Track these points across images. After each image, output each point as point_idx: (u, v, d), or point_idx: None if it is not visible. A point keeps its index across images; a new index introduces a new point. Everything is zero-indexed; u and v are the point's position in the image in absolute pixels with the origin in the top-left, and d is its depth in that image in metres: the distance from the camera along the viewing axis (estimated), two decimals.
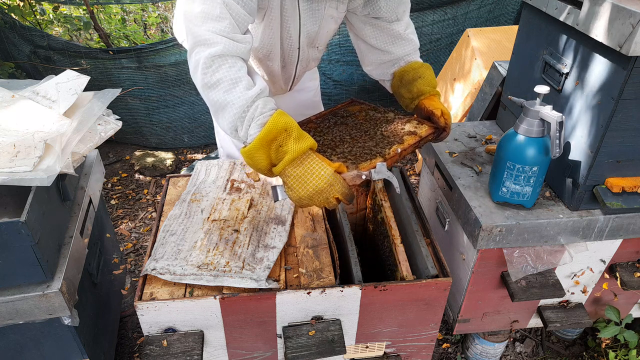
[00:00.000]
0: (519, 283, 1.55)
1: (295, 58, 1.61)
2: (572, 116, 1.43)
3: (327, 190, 1.16)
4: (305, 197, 1.17)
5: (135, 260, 2.59)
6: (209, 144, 3.66)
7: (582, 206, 1.46)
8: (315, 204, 1.19)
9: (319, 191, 1.16)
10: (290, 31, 1.49)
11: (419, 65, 1.57)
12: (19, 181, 1.25)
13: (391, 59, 1.59)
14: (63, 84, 1.56)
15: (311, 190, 1.16)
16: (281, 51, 1.57)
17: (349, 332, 1.37)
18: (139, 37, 4.44)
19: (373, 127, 1.49)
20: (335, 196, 1.18)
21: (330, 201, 1.18)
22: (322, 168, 1.16)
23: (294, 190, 1.17)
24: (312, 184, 1.15)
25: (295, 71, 1.70)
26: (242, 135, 1.18)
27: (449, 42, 3.63)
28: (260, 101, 1.16)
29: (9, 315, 1.33)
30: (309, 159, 1.16)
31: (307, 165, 1.16)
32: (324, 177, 1.15)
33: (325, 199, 1.18)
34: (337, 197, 1.18)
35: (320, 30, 1.56)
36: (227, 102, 1.16)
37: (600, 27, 1.23)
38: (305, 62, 1.69)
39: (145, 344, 1.24)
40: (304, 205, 1.21)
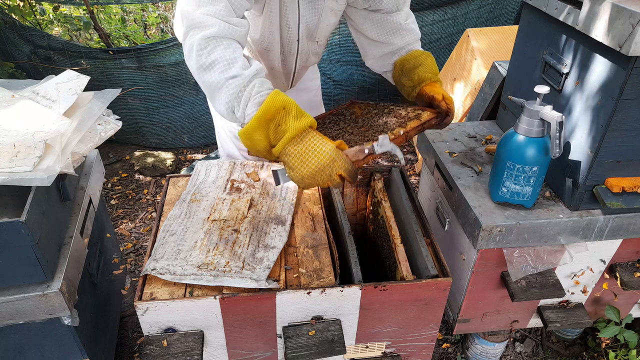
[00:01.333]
0: (519, 283, 1.55)
1: (294, 51, 1.60)
2: (572, 116, 1.43)
3: (330, 167, 1.12)
4: (308, 175, 1.13)
5: (135, 260, 2.59)
6: (209, 144, 3.67)
7: (582, 206, 1.46)
8: (318, 182, 1.15)
9: (321, 168, 1.12)
10: (289, 23, 1.48)
11: (419, 54, 1.55)
12: (19, 181, 1.25)
13: (392, 49, 1.58)
14: (63, 84, 1.56)
15: (313, 168, 1.12)
16: (280, 44, 1.56)
17: (349, 332, 1.37)
18: (139, 37, 4.44)
19: (373, 118, 1.47)
20: (338, 173, 1.14)
21: (334, 179, 1.14)
22: (324, 144, 1.12)
23: (296, 169, 1.13)
24: (314, 161, 1.12)
25: (295, 65, 1.68)
26: (240, 116, 1.15)
27: (449, 42, 3.63)
28: (257, 80, 1.14)
29: (9, 315, 1.34)
30: (309, 136, 1.13)
31: (307, 142, 1.12)
32: (326, 153, 1.11)
33: (328, 177, 1.14)
34: (340, 174, 1.14)
35: (319, 23, 1.55)
36: (223, 83, 1.13)
37: (600, 27, 1.23)
38: (305, 56, 1.67)
39: (145, 344, 1.24)
40: (307, 186, 1.17)
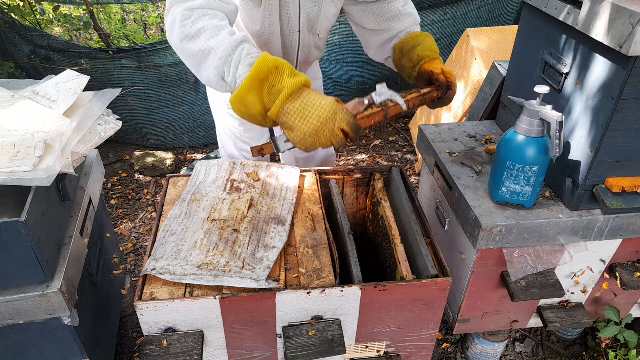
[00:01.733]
0: (519, 283, 1.55)
1: (296, 43, 1.58)
2: (572, 116, 1.43)
3: (332, 120, 1.09)
4: (310, 132, 1.09)
5: (135, 260, 2.59)
6: (209, 144, 3.67)
7: (582, 206, 1.46)
8: (321, 140, 1.11)
9: (323, 122, 1.08)
10: (290, 13, 1.47)
11: (418, 34, 1.54)
12: (19, 181, 1.25)
13: (392, 34, 1.58)
14: (63, 84, 1.56)
15: (315, 123, 1.08)
16: (281, 35, 1.54)
17: (349, 332, 1.37)
18: (139, 37, 4.44)
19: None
20: (340, 127, 1.10)
21: (337, 134, 1.10)
22: (322, 98, 1.09)
23: (297, 128, 1.09)
24: (315, 116, 1.08)
25: (297, 59, 1.67)
26: (231, 80, 1.11)
27: (449, 42, 3.63)
28: (246, 45, 1.10)
29: (9, 315, 1.34)
30: (306, 93, 1.10)
31: (305, 98, 1.09)
32: (326, 106, 1.08)
33: (331, 132, 1.10)
34: (343, 128, 1.10)
35: (320, 14, 1.54)
36: (210, 48, 1.09)
37: (601, 27, 1.23)
38: (307, 49, 1.66)
39: (145, 344, 1.24)
40: (309, 146, 1.12)
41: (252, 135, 1.93)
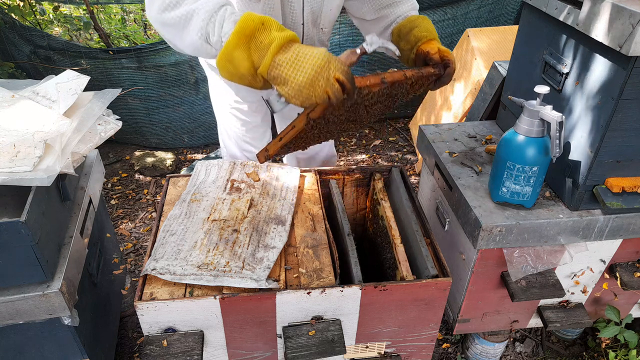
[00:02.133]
0: (519, 283, 1.55)
1: (299, 36, 1.56)
2: (572, 116, 1.43)
3: (327, 68, 1.04)
4: (305, 82, 1.03)
5: (135, 260, 2.59)
6: (209, 144, 3.67)
7: (582, 206, 1.46)
8: (317, 92, 1.05)
9: (318, 71, 1.03)
10: (293, 6, 1.45)
11: (415, 17, 1.52)
12: (19, 181, 1.25)
13: (389, 20, 1.57)
14: (63, 84, 1.56)
15: (309, 71, 1.02)
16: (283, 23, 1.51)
17: (349, 332, 1.37)
18: (139, 37, 4.44)
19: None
20: (336, 76, 1.05)
21: (333, 84, 1.05)
22: (314, 48, 1.05)
23: (290, 79, 1.04)
24: (308, 64, 1.03)
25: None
26: (216, 40, 1.07)
27: (449, 42, 3.63)
28: (229, 6, 1.08)
29: (9, 315, 1.34)
30: (296, 45, 1.05)
31: (296, 49, 1.05)
32: (319, 54, 1.04)
33: (326, 81, 1.04)
34: (338, 77, 1.05)
35: (323, 7, 1.53)
36: (193, 10, 1.05)
37: (601, 27, 1.23)
38: (310, 43, 1.63)
39: (145, 344, 1.24)
40: (306, 99, 1.06)
41: (253, 135, 1.93)
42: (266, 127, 1.99)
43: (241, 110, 1.84)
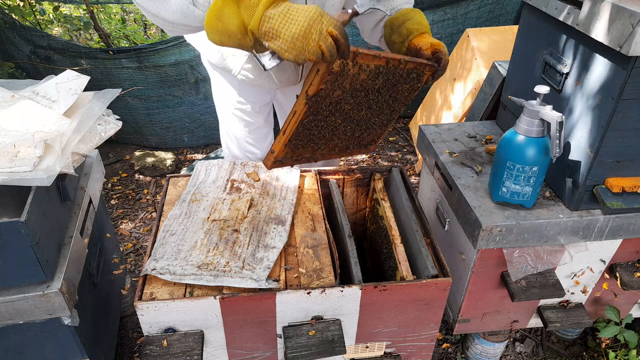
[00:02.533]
0: (519, 283, 1.55)
1: None
2: (572, 116, 1.43)
3: (320, 21, 1.01)
4: (298, 34, 1.00)
5: (135, 260, 2.59)
6: (209, 144, 3.67)
7: (582, 206, 1.46)
8: (310, 45, 1.02)
9: (311, 23, 1.00)
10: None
11: (408, 10, 1.51)
12: (19, 181, 1.25)
13: (382, 14, 1.56)
14: (63, 84, 1.55)
15: (303, 23, 1.00)
16: None
17: (349, 332, 1.37)
18: (139, 37, 4.44)
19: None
20: (329, 30, 1.02)
21: (326, 37, 1.02)
22: (305, 5, 1.03)
23: (283, 32, 1.00)
24: (301, 16, 1.00)
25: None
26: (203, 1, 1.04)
27: (449, 42, 3.63)
28: None
29: (9, 315, 1.33)
30: (286, 2, 1.03)
31: (287, 4, 1.03)
32: (311, 8, 1.02)
33: (319, 34, 1.01)
34: (331, 32, 1.03)
35: (326, 2, 1.50)
36: None
37: (600, 27, 1.23)
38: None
39: (145, 344, 1.24)
40: (299, 52, 1.02)
41: (256, 137, 1.92)
42: (269, 129, 1.98)
43: (244, 111, 1.83)
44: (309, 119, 1.21)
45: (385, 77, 1.29)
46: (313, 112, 1.20)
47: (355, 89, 1.25)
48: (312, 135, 1.28)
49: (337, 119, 1.29)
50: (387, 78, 1.30)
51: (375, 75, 1.26)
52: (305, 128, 1.23)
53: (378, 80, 1.28)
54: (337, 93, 1.21)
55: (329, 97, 1.20)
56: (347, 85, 1.21)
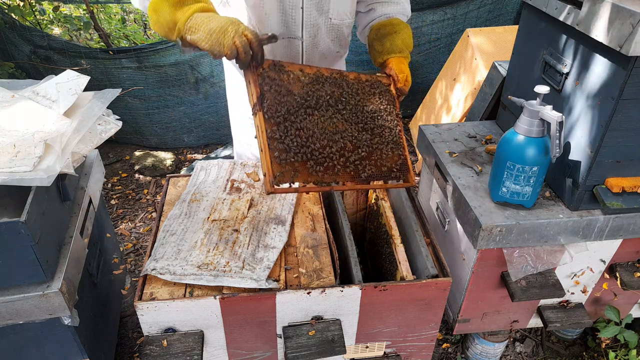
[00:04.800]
0: (519, 283, 1.55)
1: (299, 20, 1.48)
2: (572, 116, 1.43)
3: (237, 24, 1.14)
4: (216, 28, 1.13)
5: (135, 260, 2.59)
6: (209, 144, 3.67)
7: (582, 206, 1.46)
8: (226, 38, 1.13)
9: (229, 23, 1.13)
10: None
11: (398, 22, 1.52)
12: (19, 181, 1.25)
13: (375, 16, 1.58)
14: (63, 84, 1.55)
15: (222, 22, 1.13)
16: (282, 11, 1.46)
17: (349, 332, 1.37)
18: (139, 37, 4.44)
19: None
20: (245, 33, 1.14)
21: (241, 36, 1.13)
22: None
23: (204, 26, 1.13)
24: (223, 19, 1.14)
25: (302, 42, 1.54)
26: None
27: (449, 42, 3.63)
28: None
29: (9, 315, 1.33)
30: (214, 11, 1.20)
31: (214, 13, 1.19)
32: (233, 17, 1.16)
33: (235, 32, 1.13)
34: (245, 34, 1.14)
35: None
36: None
37: (600, 27, 1.23)
38: (314, 31, 1.53)
39: (145, 344, 1.24)
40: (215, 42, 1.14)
41: None
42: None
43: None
44: (274, 129, 1.22)
45: (335, 85, 1.38)
46: (275, 122, 1.23)
47: (312, 96, 1.32)
48: (289, 147, 1.23)
49: (310, 126, 1.28)
50: (340, 86, 1.39)
51: (321, 82, 1.35)
52: (278, 141, 1.22)
53: (327, 87, 1.36)
54: (289, 99, 1.27)
55: (280, 102, 1.25)
56: (296, 90, 1.29)
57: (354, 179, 1.32)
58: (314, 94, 1.33)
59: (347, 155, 1.32)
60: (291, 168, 1.22)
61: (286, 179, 1.20)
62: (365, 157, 1.36)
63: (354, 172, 1.32)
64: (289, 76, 1.30)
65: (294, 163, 1.22)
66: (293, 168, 1.22)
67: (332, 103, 1.35)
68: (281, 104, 1.25)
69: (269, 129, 1.21)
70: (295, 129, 1.25)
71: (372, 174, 1.36)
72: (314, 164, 1.25)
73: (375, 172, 1.37)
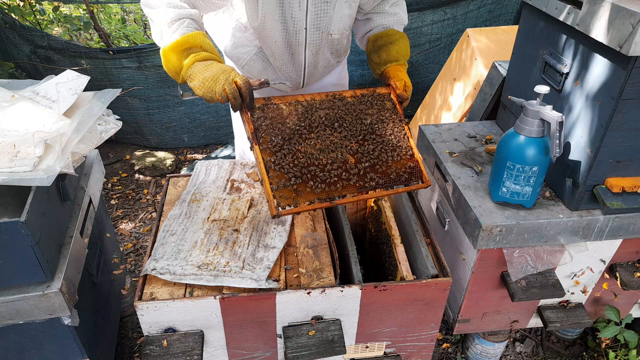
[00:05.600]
0: (519, 283, 1.55)
1: (302, 41, 1.54)
2: (572, 116, 1.43)
3: (228, 72, 1.26)
4: (209, 77, 1.26)
5: (135, 260, 2.59)
6: (209, 143, 3.67)
7: (582, 206, 1.46)
8: (217, 86, 1.26)
9: (220, 72, 1.26)
10: (293, 10, 1.45)
11: (394, 32, 1.57)
12: (19, 181, 1.25)
13: (373, 26, 1.62)
14: (63, 84, 1.55)
15: (215, 71, 1.26)
16: (285, 33, 1.51)
17: (349, 332, 1.37)
18: (139, 37, 4.44)
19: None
20: (234, 79, 1.26)
21: (231, 83, 1.25)
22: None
23: (199, 75, 1.27)
24: (215, 67, 1.27)
25: (304, 59, 1.61)
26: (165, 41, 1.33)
27: (449, 42, 3.63)
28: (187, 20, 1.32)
29: (9, 315, 1.33)
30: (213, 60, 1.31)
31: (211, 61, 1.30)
32: (226, 66, 1.29)
33: (226, 80, 1.25)
34: (236, 81, 1.25)
35: (334, 15, 1.51)
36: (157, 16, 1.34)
37: (600, 27, 1.23)
38: (316, 49, 1.59)
39: (145, 344, 1.24)
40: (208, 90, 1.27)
41: None
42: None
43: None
44: (270, 158, 1.29)
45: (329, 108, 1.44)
46: (272, 152, 1.30)
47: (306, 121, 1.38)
48: (287, 172, 1.28)
49: (307, 148, 1.34)
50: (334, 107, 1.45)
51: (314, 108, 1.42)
52: (274, 165, 1.29)
53: (321, 112, 1.42)
54: (283, 128, 1.35)
55: (275, 133, 1.33)
56: (290, 120, 1.37)
57: (360, 190, 1.35)
58: (308, 120, 1.40)
59: (348, 169, 1.36)
60: (292, 190, 1.27)
61: (289, 201, 1.26)
62: (369, 168, 1.39)
63: (359, 184, 1.35)
64: (281, 110, 1.39)
65: (294, 185, 1.28)
66: (294, 190, 1.28)
67: (327, 124, 1.41)
68: (275, 134, 1.34)
69: (265, 158, 1.29)
70: (292, 154, 1.31)
71: (378, 183, 1.38)
72: (314, 183, 1.30)
73: (382, 179, 1.39)
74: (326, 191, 1.31)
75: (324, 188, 1.30)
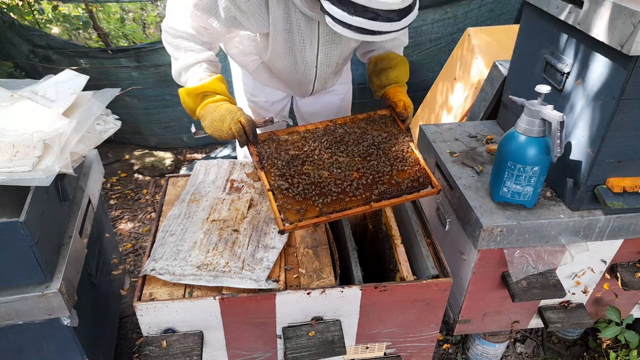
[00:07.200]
0: (519, 283, 1.54)
1: (312, 76, 1.65)
2: (573, 116, 1.42)
3: (234, 113, 1.39)
4: (217, 118, 1.40)
5: (134, 261, 2.58)
6: (209, 143, 3.66)
7: (583, 206, 1.46)
8: (224, 126, 1.39)
9: (227, 113, 1.39)
10: (305, 54, 1.52)
11: (395, 56, 1.63)
12: (18, 181, 1.25)
13: (372, 47, 1.67)
14: (62, 83, 1.55)
15: (222, 111, 1.40)
16: (296, 72, 1.61)
17: (349, 333, 1.37)
18: (138, 36, 4.43)
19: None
20: (239, 119, 1.38)
21: (236, 123, 1.38)
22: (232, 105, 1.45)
23: (209, 115, 1.41)
24: (224, 109, 1.41)
25: (313, 86, 1.72)
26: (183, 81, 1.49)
27: (450, 41, 3.62)
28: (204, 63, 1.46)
29: (8, 316, 1.33)
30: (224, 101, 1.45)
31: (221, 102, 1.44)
32: (233, 107, 1.42)
33: (232, 120, 1.38)
34: (241, 120, 1.38)
35: (343, 53, 1.60)
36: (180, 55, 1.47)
37: (601, 27, 1.22)
38: (323, 80, 1.70)
39: (145, 345, 1.23)
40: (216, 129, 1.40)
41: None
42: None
43: (256, 103, 1.88)
44: (274, 179, 1.37)
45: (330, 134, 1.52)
46: (277, 175, 1.38)
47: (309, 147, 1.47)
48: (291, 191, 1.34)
49: (310, 169, 1.41)
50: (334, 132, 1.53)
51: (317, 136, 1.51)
52: (279, 182, 1.35)
53: (323, 138, 1.50)
54: (286, 155, 1.43)
55: (279, 159, 1.42)
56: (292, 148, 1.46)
57: (366, 202, 1.37)
58: (310, 146, 1.48)
59: (353, 183, 1.39)
60: (297, 207, 1.31)
61: (295, 218, 1.29)
62: (374, 180, 1.41)
63: (366, 195, 1.38)
64: (285, 140, 1.49)
65: (300, 203, 1.32)
66: (300, 207, 1.31)
67: (330, 147, 1.49)
68: (280, 160, 1.42)
69: (270, 180, 1.37)
70: (297, 175, 1.38)
71: (385, 193, 1.40)
72: (318, 199, 1.33)
73: (388, 190, 1.41)
74: (332, 205, 1.34)
75: (328, 203, 1.34)
